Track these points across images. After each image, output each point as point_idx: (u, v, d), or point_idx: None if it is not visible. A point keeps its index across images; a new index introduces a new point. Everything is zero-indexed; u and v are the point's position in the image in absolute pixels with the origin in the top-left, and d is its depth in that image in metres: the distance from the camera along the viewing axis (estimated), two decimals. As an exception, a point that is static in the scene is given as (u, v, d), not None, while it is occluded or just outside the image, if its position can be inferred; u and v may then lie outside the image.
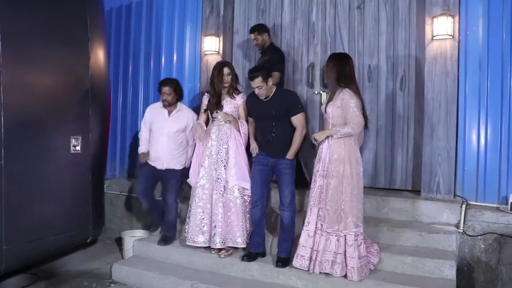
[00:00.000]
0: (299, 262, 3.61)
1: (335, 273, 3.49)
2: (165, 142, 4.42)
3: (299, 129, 3.82)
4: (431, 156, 4.17)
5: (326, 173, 3.53)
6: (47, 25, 4.24)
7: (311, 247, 3.56)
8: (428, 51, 4.21)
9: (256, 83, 3.78)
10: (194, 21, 5.45)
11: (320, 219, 3.52)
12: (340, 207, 3.46)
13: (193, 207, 4.11)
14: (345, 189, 3.47)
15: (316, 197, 3.57)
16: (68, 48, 4.47)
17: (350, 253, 3.45)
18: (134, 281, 4.07)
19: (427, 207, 4.09)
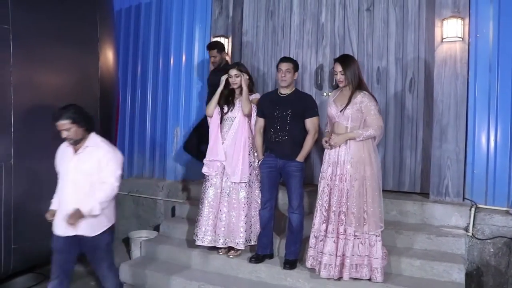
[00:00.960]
0: (327, 272, 3.48)
1: (364, 275, 3.46)
2: (70, 193, 3.19)
3: (311, 133, 3.81)
4: (440, 158, 4.15)
5: (345, 176, 3.48)
6: (57, 25, 4.27)
7: (335, 253, 3.49)
8: (438, 53, 4.19)
9: (287, 65, 3.86)
10: (203, 22, 5.46)
11: (343, 223, 3.47)
12: (362, 209, 3.44)
13: (205, 206, 4.08)
14: (367, 191, 3.45)
15: (337, 202, 3.50)
16: (78, 48, 4.49)
17: (373, 254, 3.43)
18: (142, 281, 4.08)
19: (436, 210, 4.07)
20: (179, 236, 4.58)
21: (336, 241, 3.48)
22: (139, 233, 5.06)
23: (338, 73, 3.58)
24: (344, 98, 3.59)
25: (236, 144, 4.01)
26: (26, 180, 3.96)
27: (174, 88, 5.64)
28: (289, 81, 3.87)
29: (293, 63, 3.91)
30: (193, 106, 5.52)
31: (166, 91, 5.70)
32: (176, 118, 5.61)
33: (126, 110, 6.00)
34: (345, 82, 3.56)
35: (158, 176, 5.73)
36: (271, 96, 4.04)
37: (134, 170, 5.94)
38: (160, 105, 5.76)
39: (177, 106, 5.62)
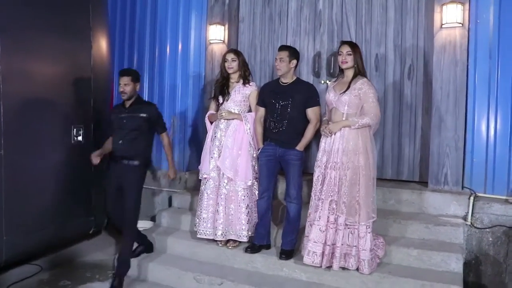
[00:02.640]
0: (310, 259, 3.48)
1: (350, 266, 3.43)
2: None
3: (313, 122, 3.77)
4: (439, 147, 4.08)
5: (339, 165, 3.43)
6: (47, 13, 4.20)
7: (323, 242, 3.45)
8: (437, 40, 4.10)
9: (281, 54, 3.82)
10: (199, 10, 5.37)
11: (334, 212, 3.43)
12: (354, 198, 3.39)
13: (205, 199, 4.06)
14: (360, 181, 3.40)
15: (328, 190, 3.46)
16: (69, 37, 4.43)
17: (362, 245, 3.39)
18: (137, 272, 4.06)
19: (434, 199, 4.02)
20: (176, 226, 4.57)
21: (325, 229, 3.44)
22: (136, 223, 5.01)
23: (344, 54, 3.51)
24: (344, 84, 3.54)
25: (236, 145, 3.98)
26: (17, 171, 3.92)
27: (171, 76, 5.56)
28: (284, 70, 3.80)
29: (289, 51, 3.83)
30: (190, 95, 5.44)
31: (162, 80, 5.62)
32: (173, 107, 5.55)
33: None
34: (351, 63, 3.51)
35: (155, 166, 5.68)
36: (272, 85, 3.99)
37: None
38: (156, 94, 5.68)
39: (173, 95, 5.55)
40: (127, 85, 3.95)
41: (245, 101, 4.07)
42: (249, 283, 3.60)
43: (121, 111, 4.04)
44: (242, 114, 4.02)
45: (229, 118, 4.02)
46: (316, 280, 3.56)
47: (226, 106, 4.07)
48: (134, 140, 3.93)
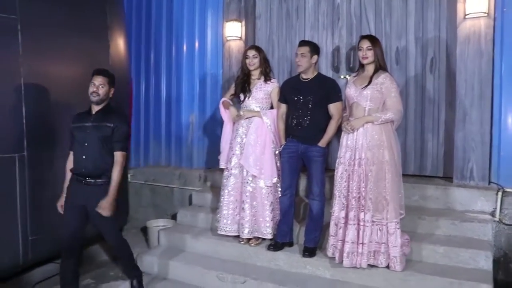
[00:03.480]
0: (350, 261, 3.41)
1: (380, 263, 3.38)
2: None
3: (335, 118, 3.71)
4: (464, 141, 4.00)
5: (364, 161, 3.38)
6: (65, 13, 4.23)
7: (356, 241, 3.40)
8: (460, 31, 4.01)
9: (302, 50, 3.74)
10: (216, 7, 5.35)
11: (362, 209, 3.37)
12: (381, 194, 3.34)
13: (226, 196, 4.04)
14: (386, 176, 3.35)
15: (356, 187, 3.40)
16: (87, 37, 4.44)
17: (392, 242, 3.33)
18: (160, 271, 4.07)
19: (460, 194, 3.93)
20: (197, 224, 4.56)
21: (357, 228, 3.39)
22: (156, 222, 5.05)
23: (364, 49, 3.45)
24: (365, 78, 3.48)
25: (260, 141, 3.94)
26: (41, 171, 3.94)
27: (188, 74, 5.57)
28: (305, 66, 3.75)
29: (310, 46, 3.77)
30: (208, 93, 5.44)
31: (180, 78, 5.63)
32: (191, 105, 5.55)
33: (140, 98, 5.96)
34: (371, 58, 3.45)
35: (174, 165, 5.70)
36: (292, 81, 3.95)
37: (150, 159, 5.92)
38: (174, 93, 5.70)
39: (191, 93, 5.56)
40: (102, 86, 3.35)
41: (267, 98, 4.02)
42: (272, 281, 3.57)
43: (84, 119, 3.39)
44: (262, 111, 3.98)
45: (249, 116, 3.99)
46: (340, 277, 3.52)
47: (247, 104, 4.03)
48: (101, 155, 3.33)
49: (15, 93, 3.76)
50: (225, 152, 4.15)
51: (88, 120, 3.36)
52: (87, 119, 3.37)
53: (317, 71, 3.90)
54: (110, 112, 3.42)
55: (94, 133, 3.32)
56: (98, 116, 3.37)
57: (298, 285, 3.49)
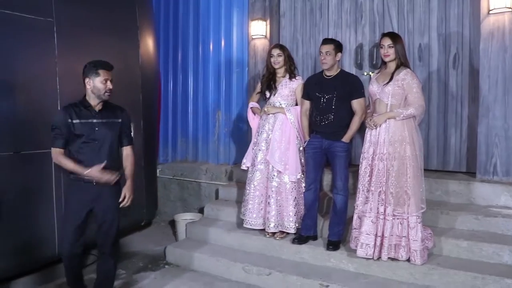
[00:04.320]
0: (364, 251, 3.50)
1: (400, 257, 3.44)
2: None
3: (359, 114, 3.77)
4: (487, 136, 4.00)
5: (386, 156, 3.45)
6: (98, 16, 4.39)
7: (375, 233, 3.47)
8: (484, 26, 4.00)
9: (327, 48, 3.81)
10: (241, 6, 5.44)
11: (383, 203, 3.44)
12: (402, 189, 3.40)
13: (251, 190, 4.14)
14: (408, 171, 3.40)
15: (377, 181, 3.47)
16: (118, 37, 4.61)
17: (413, 236, 3.39)
18: (187, 262, 4.19)
19: (483, 189, 3.94)
20: (223, 218, 4.67)
21: (376, 221, 3.46)
22: (184, 215, 5.16)
23: (385, 47, 3.50)
24: (387, 75, 3.53)
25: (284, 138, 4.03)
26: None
27: (214, 73, 5.68)
28: (330, 63, 3.82)
29: (334, 44, 3.84)
30: (234, 90, 5.54)
31: (206, 76, 5.74)
32: (217, 102, 5.66)
33: (168, 96, 6.09)
34: (393, 55, 3.49)
35: (201, 160, 5.82)
36: (316, 78, 4.02)
37: (178, 154, 6.05)
38: (201, 90, 5.82)
39: (218, 91, 5.67)
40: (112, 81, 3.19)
41: (292, 95, 4.11)
42: (297, 273, 3.65)
43: (87, 115, 3.12)
44: (286, 108, 4.07)
45: (273, 112, 4.08)
46: (364, 271, 3.58)
47: (273, 101, 4.13)
48: (114, 152, 3.23)
49: (51, 91, 3.94)
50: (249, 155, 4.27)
51: (93, 117, 3.13)
52: (91, 115, 3.13)
53: (340, 68, 3.97)
54: (113, 107, 3.27)
55: (106, 130, 3.15)
56: (104, 112, 3.19)
57: (322, 277, 3.56)
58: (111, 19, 4.51)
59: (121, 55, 4.63)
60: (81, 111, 3.12)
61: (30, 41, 3.80)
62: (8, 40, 3.64)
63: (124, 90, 4.62)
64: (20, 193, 3.73)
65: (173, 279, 3.94)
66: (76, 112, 3.10)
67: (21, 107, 3.75)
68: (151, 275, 4.05)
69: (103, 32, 4.41)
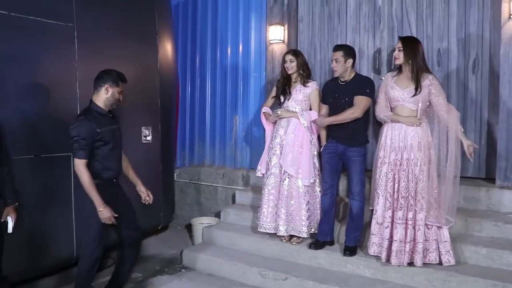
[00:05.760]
0: (398, 259, 3.46)
1: (434, 260, 3.43)
2: None
3: (357, 110, 3.74)
4: (508, 142, 3.95)
5: (413, 161, 3.44)
6: (117, 21, 4.45)
7: (404, 240, 3.45)
8: (505, 31, 3.96)
9: (336, 55, 3.82)
10: (259, 11, 5.46)
11: (412, 209, 3.43)
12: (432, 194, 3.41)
13: (266, 194, 4.16)
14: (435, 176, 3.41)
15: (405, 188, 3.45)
16: (138, 42, 4.66)
17: (442, 238, 3.41)
18: (204, 266, 4.22)
19: (503, 196, 3.89)
20: (239, 222, 4.69)
21: (405, 227, 3.44)
22: (200, 219, 5.21)
23: (396, 49, 3.53)
24: (406, 80, 3.52)
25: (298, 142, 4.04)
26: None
27: (232, 77, 5.70)
28: (340, 70, 3.83)
29: (344, 51, 3.83)
30: (251, 95, 5.56)
31: (224, 80, 5.77)
32: (235, 107, 5.68)
33: (186, 100, 6.14)
34: (401, 59, 3.50)
35: (218, 164, 5.84)
36: (332, 84, 4.03)
37: (195, 158, 6.09)
38: (219, 95, 5.84)
39: (235, 95, 5.69)
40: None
41: (306, 100, 4.13)
42: (313, 279, 3.65)
43: (107, 122, 3.26)
44: (299, 112, 4.07)
45: (286, 116, 4.10)
46: (380, 277, 3.56)
47: (287, 105, 4.16)
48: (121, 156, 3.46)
49: (71, 96, 4.00)
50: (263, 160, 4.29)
51: (111, 123, 3.28)
52: (110, 122, 3.28)
53: (355, 72, 3.96)
54: (114, 113, 3.41)
55: (120, 135, 3.39)
56: (113, 118, 3.36)
57: (339, 283, 3.55)
58: (130, 24, 4.57)
59: (140, 60, 4.69)
60: (99, 119, 3.19)
61: (51, 46, 3.87)
62: (30, 45, 3.71)
63: (143, 94, 4.71)
64: (39, 196, 3.79)
65: (189, 282, 3.98)
66: (97, 120, 3.16)
67: (41, 111, 3.82)
68: (167, 278, 4.09)
69: (123, 37, 4.48)
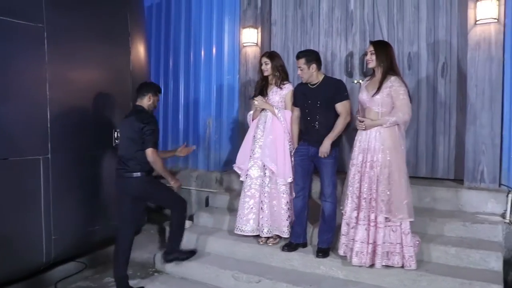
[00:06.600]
0: (358, 259, 3.49)
1: (396, 263, 3.45)
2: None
3: (343, 116, 3.78)
4: (475, 144, 4.06)
5: (375, 163, 3.46)
6: (88, 21, 4.38)
7: (367, 241, 3.48)
8: (471, 37, 4.07)
9: (299, 63, 3.86)
10: (232, 14, 5.48)
11: (374, 210, 3.46)
12: (393, 196, 3.42)
13: (242, 196, 4.16)
14: (398, 178, 3.42)
15: (368, 189, 3.49)
16: (109, 44, 4.61)
17: (407, 242, 3.41)
18: (177, 270, 4.17)
19: (470, 196, 3.99)
20: (213, 225, 4.67)
21: (368, 228, 3.47)
22: (174, 223, 5.13)
23: (368, 53, 3.56)
24: (375, 83, 3.56)
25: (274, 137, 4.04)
26: (63, 173, 4.09)
27: (206, 80, 5.69)
28: (306, 77, 3.87)
29: (305, 58, 3.84)
30: (225, 97, 5.57)
31: (197, 83, 5.76)
32: (208, 109, 5.67)
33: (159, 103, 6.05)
34: (374, 62, 3.53)
35: (192, 167, 5.82)
36: (302, 88, 4.04)
37: (169, 160, 6.00)
38: (192, 97, 5.83)
39: (209, 98, 5.68)
40: None
41: (282, 101, 4.14)
42: (286, 281, 3.65)
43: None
44: (275, 106, 4.09)
45: (262, 107, 4.11)
46: (353, 278, 3.58)
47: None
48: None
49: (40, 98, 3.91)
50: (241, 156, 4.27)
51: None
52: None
53: (323, 74, 3.97)
54: None
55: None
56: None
57: (312, 285, 3.56)
58: (102, 25, 4.51)
59: (111, 62, 4.63)
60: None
61: (20, 46, 3.77)
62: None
63: (114, 96, 4.65)
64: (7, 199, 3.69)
65: (161, 286, 3.93)
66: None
67: (9, 113, 3.72)
68: (140, 282, 4.02)
69: (94, 39, 4.41)
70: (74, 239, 4.20)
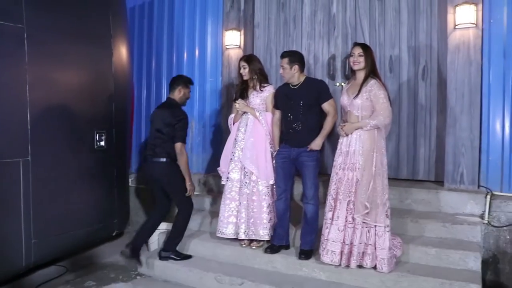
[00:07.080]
0: (329, 257, 3.55)
1: (365, 264, 3.48)
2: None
3: (331, 114, 3.81)
4: (455, 146, 4.12)
5: (356, 166, 3.49)
6: (70, 23, 4.35)
7: (342, 241, 3.51)
8: (451, 41, 4.14)
9: (282, 62, 3.88)
10: (215, 16, 5.48)
11: (351, 212, 3.48)
12: (370, 198, 3.44)
13: (223, 198, 4.16)
14: (376, 181, 3.45)
15: (345, 191, 3.52)
16: (91, 45, 4.57)
17: (380, 244, 3.43)
18: (159, 273, 4.15)
19: (450, 198, 4.05)
20: (196, 228, 4.64)
21: (343, 229, 3.50)
22: (156, 225, 5.10)
23: (356, 55, 3.57)
24: (356, 86, 3.59)
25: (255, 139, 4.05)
26: (44, 176, 4.05)
27: (188, 82, 5.67)
28: (288, 77, 3.89)
29: (289, 58, 3.87)
30: (207, 100, 5.55)
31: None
32: (191, 112, 5.63)
33: (142, 104, 6.06)
34: (362, 64, 3.56)
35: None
36: (283, 89, 4.05)
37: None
38: (175, 99, 5.79)
39: (191, 100, 5.60)
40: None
41: (263, 104, 4.15)
42: (269, 283, 3.65)
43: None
44: (256, 109, 4.10)
45: (243, 109, 4.12)
46: (335, 279, 3.60)
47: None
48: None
49: (20, 100, 3.87)
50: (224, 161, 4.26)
51: None
52: None
53: (305, 75, 3.99)
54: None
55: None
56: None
57: (294, 286, 3.57)
58: (84, 26, 4.47)
59: (93, 63, 4.60)
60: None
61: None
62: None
63: (96, 98, 4.63)
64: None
65: (144, 290, 3.91)
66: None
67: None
68: (122, 286, 3.99)
69: (76, 40, 4.37)
70: (54, 243, 4.15)
